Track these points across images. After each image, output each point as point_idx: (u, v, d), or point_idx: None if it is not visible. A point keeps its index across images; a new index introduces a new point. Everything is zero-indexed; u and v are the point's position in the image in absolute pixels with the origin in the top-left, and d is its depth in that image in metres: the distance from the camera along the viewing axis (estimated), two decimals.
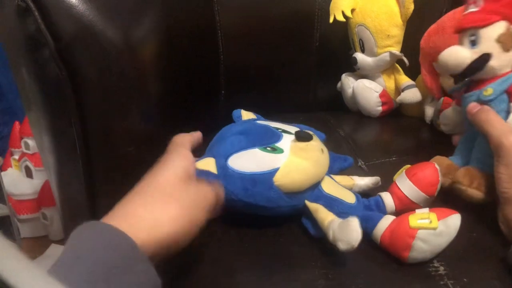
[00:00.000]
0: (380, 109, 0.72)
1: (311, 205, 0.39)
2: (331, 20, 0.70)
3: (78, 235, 0.28)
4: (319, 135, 0.44)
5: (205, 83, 0.68)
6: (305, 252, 0.38)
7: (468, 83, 0.47)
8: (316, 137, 0.40)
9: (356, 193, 0.42)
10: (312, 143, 0.39)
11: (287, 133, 0.41)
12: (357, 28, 0.70)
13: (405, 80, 0.71)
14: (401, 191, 0.40)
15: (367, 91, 0.71)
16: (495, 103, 0.43)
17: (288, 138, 0.40)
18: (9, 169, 1.15)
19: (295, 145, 0.39)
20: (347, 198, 0.40)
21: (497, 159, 0.40)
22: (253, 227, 0.41)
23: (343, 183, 0.44)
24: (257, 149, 0.39)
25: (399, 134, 0.68)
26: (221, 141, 0.42)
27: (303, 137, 0.38)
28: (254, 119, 0.47)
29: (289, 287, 0.35)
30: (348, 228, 0.34)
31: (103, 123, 0.44)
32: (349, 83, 0.74)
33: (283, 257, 0.38)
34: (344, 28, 0.73)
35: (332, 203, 0.39)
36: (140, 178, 0.41)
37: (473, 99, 0.45)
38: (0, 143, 1.31)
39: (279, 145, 0.39)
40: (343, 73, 0.77)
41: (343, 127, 0.70)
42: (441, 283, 0.35)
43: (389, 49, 0.69)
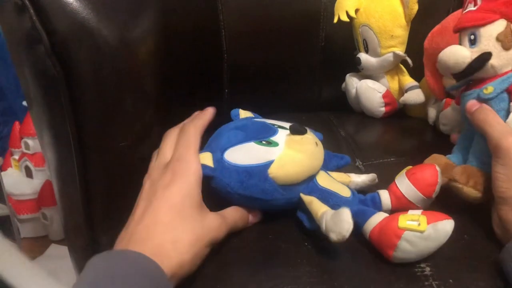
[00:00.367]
0: (383, 109, 0.71)
1: (306, 197, 0.39)
2: (335, 20, 0.70)
3: (106, 259, 0.30)
4: (317, 135, 0.45)
5: (208, 82, 0.68)
6: (294, 249, 0.39)
7: (467, 82, 0.46)
8: (310, 131, 0.41)
9: (352, 189, 0.43)
10: (306, 136, 0.39)
11: (283, 128, 0.42)
12: (361, 28, 0.70)
13: (408, 81, 0.71)
14: (398, 189, 0.40)
15: (370, 91, 0.70)
16: (495, 101, 0.42)
17: (283, 132, 0.41)
18: (9, 169, 1.15)
19: (289, 138, 0.39)
20: (342, 192, 0.41)
21: (495, 159, 0.40)
22: None
23: (340, 180, 0.44)
24: (253, 143, 0.40)
25: (400, 135, 0.68)
26: (218, 136, 0.43)
27: (297, 130, 0.39)
28: (251, 117, 0.48)
29: (276, 283, 0.35)
30: (340, 218, 0.34)
31: (98, 119, 0.45)
32: (353, 83, 0.74)
33: (272, 253, 0.38)
34: (349, 28, 0.73)
35: (327, 196, 0.40)
36: (134, 175, 0.41)
37: (473, 97, 0.44)
38: (0, 143, 1.31)
39: (274, 138, 0.40)
40: (348, 73, 0.76)
41: (345, 127, 0.70)
42: (426, 283, 0.35)
43: (393, 49, 0.69)
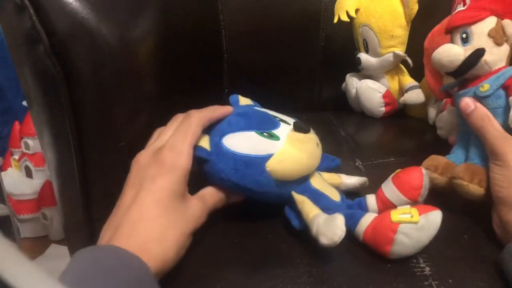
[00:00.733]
0: (383, 109, 0.71)
1: (298, 196, 0.39)
2: (336, 20, 0.70)
3: (92, 254, 0.30)
4: None
5: (208, 81, 0.68)
6: (290, 248, 0.39)
7: (462, 81, 0.47)
8: (312, 131, 0.41)
9: (341, 192, 0.42)
10: (309, 135, 0.39)
11: (284, 122, 0.41)
12: (361, 28, 0.70)
13: (409, 81, 0.71)
14: (384, 194, 0.39)
15: (370, 91, 0.70)
16: (491, 99, 0.42)
17: (285, 127, 0.40)
18: (9, 169, 1.15)
19: (292, 135, 0.39)
20: (333, 195, 0.41)
21: (491, 160, 0.40)
22: (240, 222, 0.41)
23: (331, 180, 0.44)
24: (254, 133, 0.39)
25: (400, 135, 0.68)
26: (218, 121, 0.41)
27: (301, 127, 0.38)
28: (251, 105, 0.47)
29: (275, 283, 0.35)
30: (333, 223, 0.34)
31: (97, 119, 0.45)
32: (353, 83, 0.74)
33: (269, 253, 0.38)
34: (349, 28, 0.73)
35: (318, 198, 0.39)
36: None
37: (469, 96, 0.44)
38: (0, 143, 1.31)
39: (276, 132, 0.39)
40: (348, 73, 0.76)
41: (345, 127, 0.70)
42: (426, 283, 0.34)
43: (393, 49, 0.68)
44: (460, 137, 0.49)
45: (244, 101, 0.48)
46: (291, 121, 0.42)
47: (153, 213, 0.33)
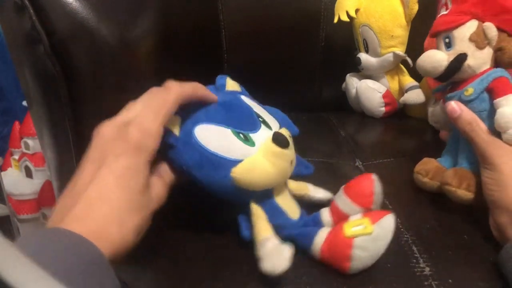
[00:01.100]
0: (383, 109, 0.71)
1: (255, 209, 0.37)
2: (336, 20, 0.70)
3: (37, 237, 0.26)
4: (292, 129, 0.41)
5: (208, 81, 0.68)
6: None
7: (452, 83, 0.47)
8: (291, 145, 0.37)
9: (302, 208, 0.40)
10: (286, 151, 0.36)
11: (266, 125, 0.38)
12: (361, 28, 0.70)
13: (409, 81, 0.71)
14: (336, 204, 0.38)
15: (370, 91, 0.70)
16: (476, 102, 0.43)
17: (264, 132, 0.37)
18: (9, 169, 1.15)
19: (269, 145, 0.35)
20: (292, 213, 0.39)
21: (482, 164, 0.40)
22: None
23: (297, 190, 0.42)
24: (230, 131, 0.36)
25: (400, 135, 0.68)
26: (196, 104, 0.38)
27: (280, 141, 0.35)
28: (239, 92, 0.43)
29: (275, 283, 0.35)
30: (281, 255, 0.33)
31: (97, 118, 0.45)
32: (353, 83, 0.74)
33: None
34: (350, 28, 0.73)
35: (275, 214, 0.37)
36: None
37: (455, 99, 0.44)
38: (0, 143, 1.31)
39: (253, 136, 0.36)
40: (348, 74, 0.76)
41: (345, 127, 0.70)
42: (426, 283, 0.35)
43: (393, 49, 0.69)
44: (450, 140, 0.49)
45: (231, 85, 0.44)
46: (274, 124, 0.39)
47: (114, 194, 0.30)
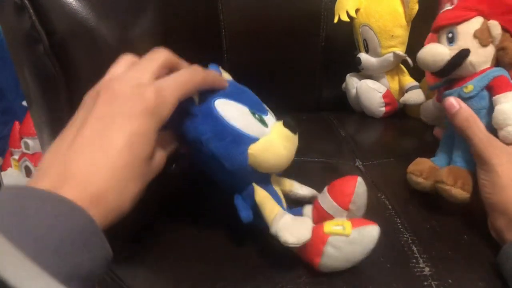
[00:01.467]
0: (383, 109, 0.71)
1: (261, 190, 0.37)
2: (336, 20, 0.70)
3: (20, 200, 0.23)
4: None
5: None
6: (288, 250, 0.37)
7: (449, 81, 0.47)
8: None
9: (285, 203, 0.41)
10: (296, 137, 0.37)
11: (270, 112, 0.40)
12: (361, 28, 0.70)
13: (409, 81, 0.71)
14: (318, 202, 0.38)
15: (370, 91, 0.70)
16: (475, 100, 0.43)
17: (271, 118, 0.39)
18: (9, 169, 1.15)
19: (281, 129, 0.36)
20: (283, 202, 0.39)
21: (478, 165, 0.40)
22: (239, 222, 0.41)
23: (282, 186, 0.42)
24: (247, 109, 0.37)
25: (401, 135, 0.68)
26: None
27: (292, 126, 0.36)
28: (229, 81, 0.42)
29: (273, 283, 0.35)
30: (302, 225, 0.33)
31: None
32: (353, 83, 0.74)
33: (268, 253, 0.38)
34: (350, 28, 0.73)
35: (275, 200, 0.38)
36: None
37: (453, 96, 0.44)
38: (0, 143, 1.31)
39: (265, 118, 0.38)
40: (348, 73, 0.76)
41: (345, 127, 0.70)
42: (425, 283, 0.35)
43: (393, 49, 0.68)
44: (445, 138, 0.49)
45: (225, 75, 0.44)
46: (273, 115, 0.40)
47: (120, 160, 0.28)
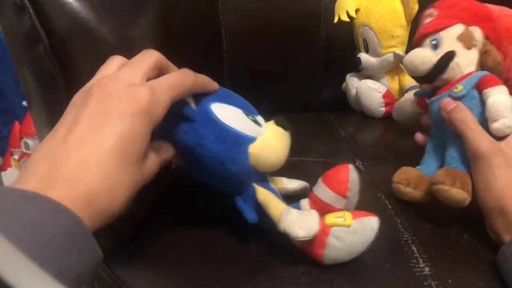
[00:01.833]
0: (383, 109, 0.71)
1: (262, 189, 0.37)
2: (336, 20, 0.70)
3: (2, 201, 0.22)
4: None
5: None
6: (290, 248, 0.38)
7: (434, 88, 0.47)
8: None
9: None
10: (288, 134, 0.38)
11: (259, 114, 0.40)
12: (361, 28, 0.70)
13: (409, 81, 0.71)
14: (314, 193, 0.39)
15: (370, 91, 0.70)
16: (466, 99, 0.43)
17: (261, 118, 0.39)
18: (9, 169, 1.15)
19: (274, 128, 0.38)
20: (281, 198, 0.39)
21: (473, 166, 0.39)
22: (239, 222, 0.41)
23: (274, 184, 0.43)
24: (241, 111, 0.37)
25: (400, 135, 0.68)
26: None
27: (284, 123, 0.38)
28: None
29: (272, 283, 0.35)
30: (310, 218, 0.34)
31: None
32: (353, 83, 0.74)
33: (268, 253, 0.38)
34: (350, 28, 0.73)
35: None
36: None
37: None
38: (0, 143, 1.31)
39: (258, 119, 0.39)
40: (348, 73, 0.76)
41: (345, 127, 0.70)
42: (425, 283, 0.35)
43: (393, 49, 0.69)
44: (430, 147, 0.48)
45: None
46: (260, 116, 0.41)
47: (112, 160, 0.27)
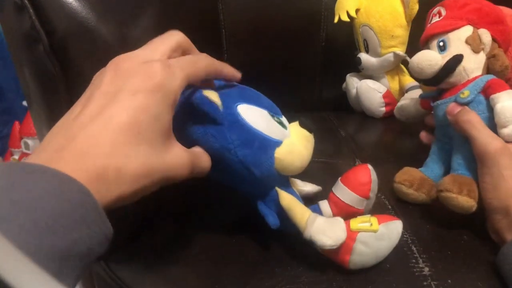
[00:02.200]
0: (383, 109, 0.71)
1: (286, 194, 0.36)
2: (336, 20, 0.70)
3: (10, 175, 0.22)
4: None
5: None
6: (290, 248, 0.38)
7: (440, 91, 0.47)
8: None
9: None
10: (313, 136, 0.37)
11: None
12: (362, 28, 0.70)
13: (409, 81, 0.71)
14: (335, 195, 0.38)
15: (370, 91, 0.70)
16: (473, 105, 0.42)
17: (285, 118, 0.38)
18: None
19: (299, 130, 0.36)
20: (302, 202, 0.39)
21: (480, 167, 0.39)
22: (240, 222, 0.41)
23: (292, 186, 0.42)
24: (267, 112, 0.36)
25: (400, 135, 0.68)
26: (227, 86, 0.36)
27: (309, 126, 0.37)
28: (242, 86, 0.40)
29: (272, 283, 0.35)
30: (337, 226, 0.33)
31: None
32: (354, 83, 0.74)
33: (269, 252, 0.38)
34: (350, 28, 0.73)
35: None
36: None
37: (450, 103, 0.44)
38: (0, 143, 1.31)
39: (283, 121, 0.37)
40: (348, 73, 0.76)
41: (345, 127, 0.70)
42: (425, 283, 0.35)
43: (393, 49, 0.69)
44: (434, 149, 0.48)
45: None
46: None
47: (121, 137, 0.26)
